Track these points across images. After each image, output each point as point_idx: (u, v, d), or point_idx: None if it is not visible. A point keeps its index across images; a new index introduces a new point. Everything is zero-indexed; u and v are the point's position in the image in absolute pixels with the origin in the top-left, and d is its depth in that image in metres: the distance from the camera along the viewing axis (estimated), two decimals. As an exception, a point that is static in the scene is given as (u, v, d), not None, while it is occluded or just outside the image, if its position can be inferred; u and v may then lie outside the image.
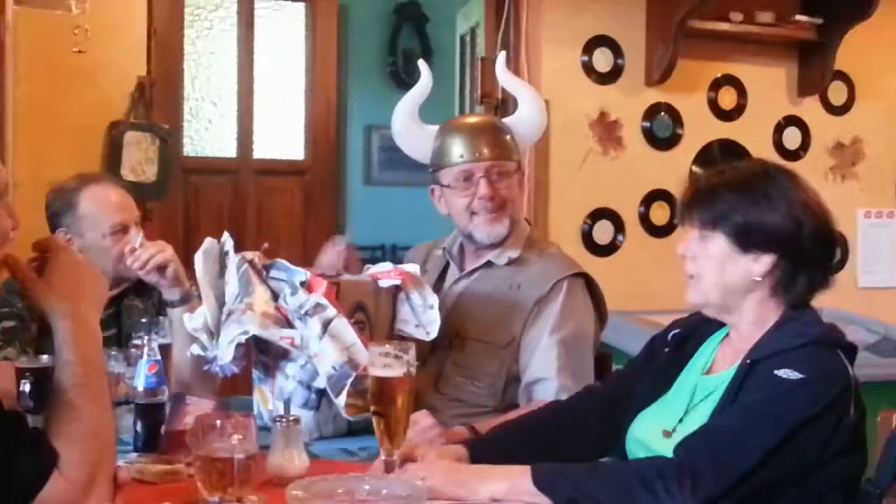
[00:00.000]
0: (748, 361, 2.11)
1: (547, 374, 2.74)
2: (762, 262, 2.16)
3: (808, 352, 2.10)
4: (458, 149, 2.90)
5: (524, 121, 3.03)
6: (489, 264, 2.93)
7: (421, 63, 3.21)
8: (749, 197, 2.19)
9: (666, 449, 2.15)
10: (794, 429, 1.98)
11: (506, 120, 3.07)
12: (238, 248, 2.63)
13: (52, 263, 1.85)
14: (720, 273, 2.19)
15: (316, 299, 2.49)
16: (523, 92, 3.13)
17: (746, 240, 2.16)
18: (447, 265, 3.06)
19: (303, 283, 2.53)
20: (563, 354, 2.76)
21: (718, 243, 2.19)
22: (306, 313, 2.49)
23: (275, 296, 2.56)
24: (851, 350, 2.17)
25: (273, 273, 2.60)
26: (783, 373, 2.03)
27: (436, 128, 3.01)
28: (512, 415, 2.59)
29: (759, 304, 2.21)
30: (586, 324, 2.87)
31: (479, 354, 2.83)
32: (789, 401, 2.02)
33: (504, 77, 3.20)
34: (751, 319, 2.23)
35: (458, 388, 2.81)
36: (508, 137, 2.95)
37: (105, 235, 2.95)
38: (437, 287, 3.01)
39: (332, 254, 3.02)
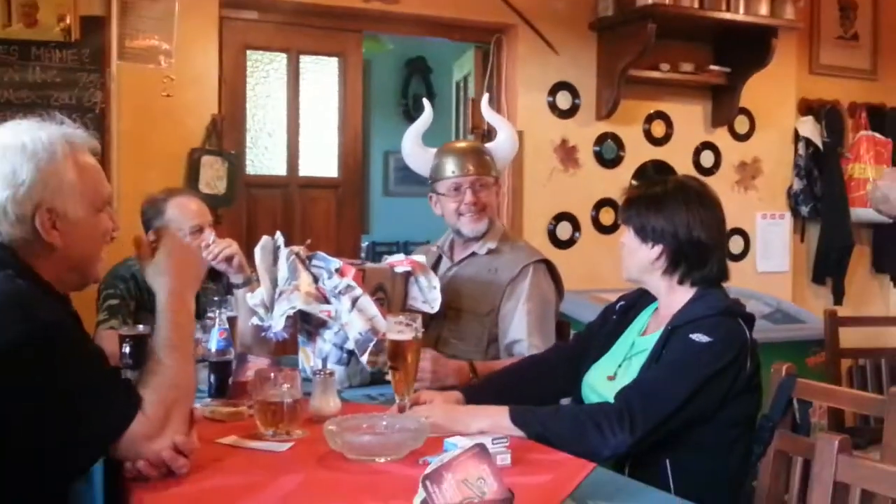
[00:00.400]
0: (670, 328, 2.13)
1: (521, 336, 2.75)
2: (654, 251, 2.22)
3: (716, 320, 2.12)
4: (450, 166, 2.92)
5: (501, 145, 3.04)
6: (473, 254, 2.95)
7: (425, 101, 3.23)
8: (648, 206, 2.26)
9: (609, 391, 2.18)
10: (703, 381, 2.02)
11: (488, 145, 3.07)
12: (287, 243, 2.63)
13: (163, 248, 1.85)
14: (632, 257, 2.27)
15: (346, 282, 2.49)
16: (501, 125, 3.15)
17: (644, 235, 2.23)
18: (439, 258, 3.06)
19: (337, 270, 2.53)
20: (532, 321, 2.77)
21: (630, 236, 2.27)
22: (339, 292, 2.49)
23: (315, 279, 2.56)
24: (750, 319, 2.18)
25: (314, 262, 2.59)
26: (696, 336, 2.06)
27: (434, 150, 3.03)
28: (498, 365, 2.60)
29: (664, 282, 2.26)
30: (549, 297, 2.88)
31: (467, 321, 2.85)
32: (700, 359, 2.05)
33: (487, 114, 3.22)
34: (663, 293, 2.28)
35: (452, 347, 2.81)
36: (488, 158, 2.96)
37: (185, 235, 2.95)
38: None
39: None
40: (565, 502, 1.57)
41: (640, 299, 2.42)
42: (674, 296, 2.24)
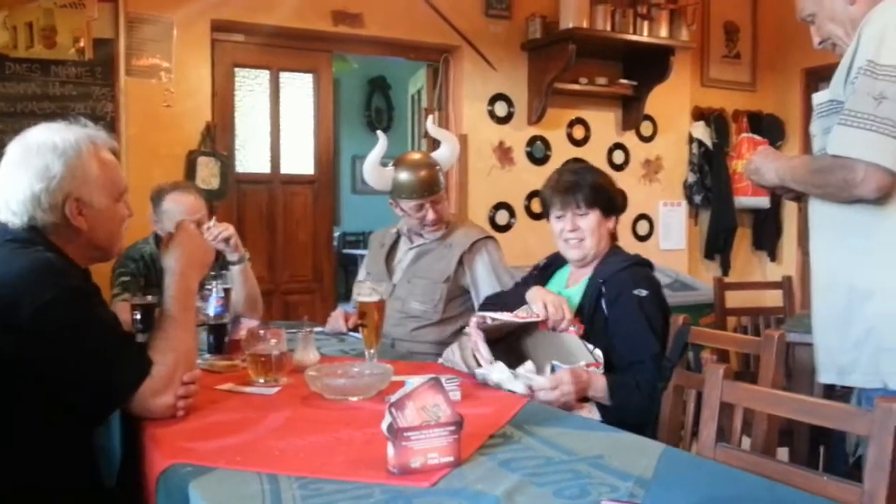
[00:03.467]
0: (600, 280, 2.19)
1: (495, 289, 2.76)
2: (611, 221, 2.30)
3: (641, 272, 2.21)
4: (409, 189, 2.82)
5: (445, 154, 2.95)
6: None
7: (379, 133, 3.05)
8: (603, 186, 2.30)
9: None
10: (662, 317, 2.14)
11: (433, 154, 2.96)
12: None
13: (176, 237, 1.86)
14: (598, 233, 2.27)
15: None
16: (444, 137, 3.03)
17: (610, 209, 2.29)
18: (398, 238, 3.03)
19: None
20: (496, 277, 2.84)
21: (594, 216, 2.27)
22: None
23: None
24: (652, 266, 2.29)
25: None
26: (637, 291, 2.13)
27: (391, 168, 2.89)
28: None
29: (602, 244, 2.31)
30: (501, 260, 2.92)
31: (426, 287, 2.84)
32: (651, 310, 2.12)
33: (433, 130, 3.09)
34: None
35: (414, 308, 2.82)
36: (437, 168, 2.86)
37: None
38: (392, 252, 3.02)
39: (336, 319, 2.86)
40: (505, 427, 1.60)
41: (554, 261, 2.47)
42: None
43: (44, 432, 1.55)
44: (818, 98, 1.84)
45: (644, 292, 2.13)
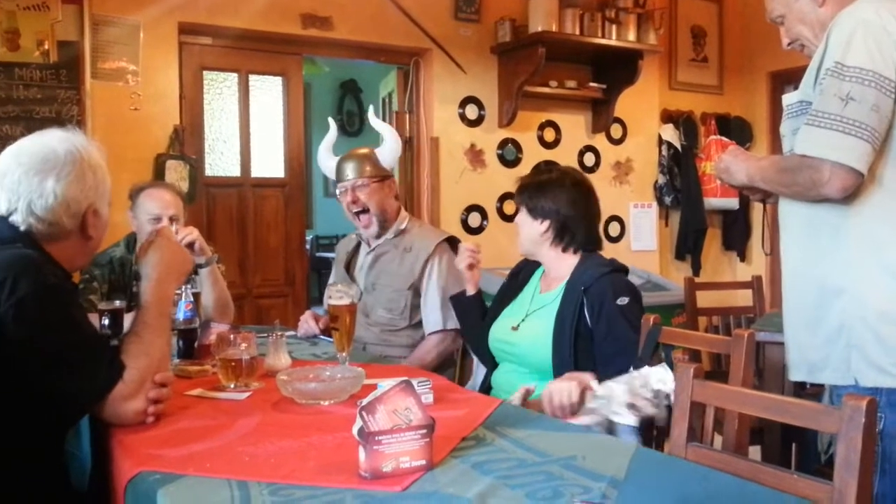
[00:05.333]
0: (581, 288, 2.17)
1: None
2: (542, 226, 2.28)
3: (620, 280, 2.21)
4: (338, 174, 2.88)
5: (384, 148, 2.89)
6: (385, 240, 2.89)
7: (330, 120, 3.14)
8: (537, 189, 2.31)
9: (513, 338, 2.26)
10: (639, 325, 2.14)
11: (376, 150, 2.90)
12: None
13: (154, 243, 1.87)
14: (525, 232, 2.33)
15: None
16: (385, 131, 2.94)
17: (534, 213, 2.30)
18: (358, 244, 3.00)
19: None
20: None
21: (523, 215, 2.32)
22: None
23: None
24: (627, 270, 2.30)
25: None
26: (620, 300, 2.14)
27: (336, 158, 2.94)
28: None
29: (552, 251, 2.31)
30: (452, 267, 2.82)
31: (391, 295, 2.81)
32: (632, 317, 2.14)
33: (374, 122, 3.02)
34: (552, 259, 2.33)
35: (381, 316, 2.80)
36: (370, 159, 2.85)
37: (149, 221, 2.89)
38: (353, 259, 3.01)
39: (307, 321, 2.82)
40: (478, 430, 1.59)
41: (525, 267, 2.48)
42: (561, 262, 2.30)
43: (17, 435, 1.52)
44: (788, 99, 1.86)
45: (625, 300, 2.15)
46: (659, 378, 1.85)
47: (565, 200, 2.28)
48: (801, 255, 1.83)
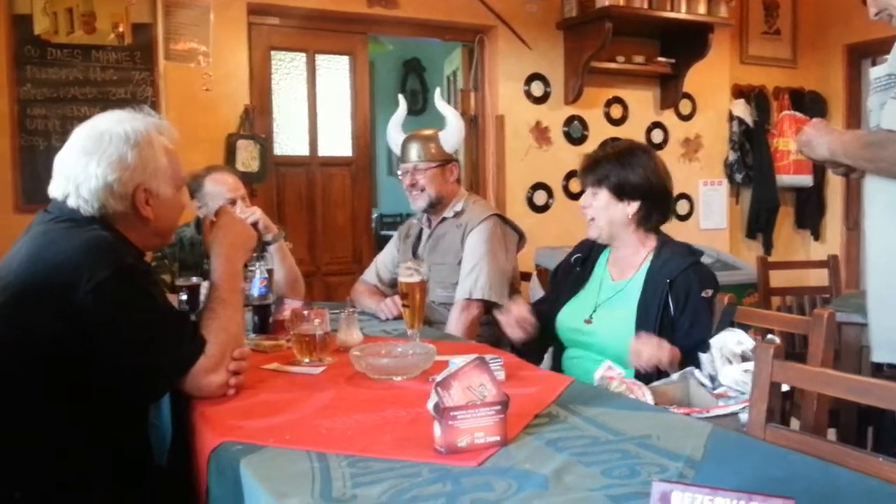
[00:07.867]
0: (668, 281, 2.11)
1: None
2: (632, 207, 2.19)
3: (705, 272, 2.17)
4: (401, 154, 2.96)
5: (447, 131, 2.92)
6: (444, 219, 2.91)
7: (400, 97, 3.20)
8: (619, 164, 2.20)
9: (589, 330, 2.19)
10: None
11: (440, 133, 2.93)
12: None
13: (218, 221, 1.89)
14: (607, 215, 2.22)
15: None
16: (448, 114, 2.97)
17: (620, 192, 2.19)
18: (421, 229, 3.03)
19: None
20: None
21: (605, 196, 2.21)
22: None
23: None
24: (701, 254, 2.24)
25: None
26: (705, 293, 2.10)
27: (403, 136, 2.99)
28: None
29: (637, 234, 2.23)
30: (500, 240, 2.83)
31: (448, 272, 2.82)
32: (715, 308, 2.11)
33: (439, 105, 3.06)
34: (633, 244, 2.25)
35: (439, 295, 2.82)
36: (433, 142, 2.89)
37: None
38: (418, 242, 3.02)
39: (386, 305, 2.78)
40: (550, 407, 1.59)
41: (591, 251, 2.38)
42: (640, 247, 2.24)
43: (107, 413, 1.57)
44: (875, 72, 1.79)
45: (710, 292, 2.12)
46: (737, 340, 1.83)
47: (653, 170, 2.19)
48: (888, 235, 1.77)
